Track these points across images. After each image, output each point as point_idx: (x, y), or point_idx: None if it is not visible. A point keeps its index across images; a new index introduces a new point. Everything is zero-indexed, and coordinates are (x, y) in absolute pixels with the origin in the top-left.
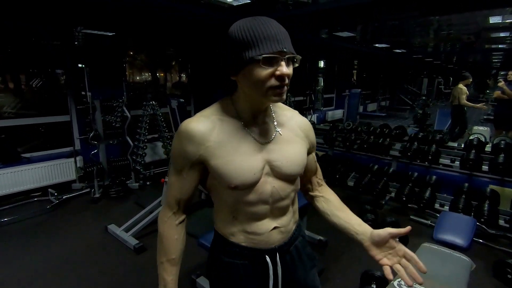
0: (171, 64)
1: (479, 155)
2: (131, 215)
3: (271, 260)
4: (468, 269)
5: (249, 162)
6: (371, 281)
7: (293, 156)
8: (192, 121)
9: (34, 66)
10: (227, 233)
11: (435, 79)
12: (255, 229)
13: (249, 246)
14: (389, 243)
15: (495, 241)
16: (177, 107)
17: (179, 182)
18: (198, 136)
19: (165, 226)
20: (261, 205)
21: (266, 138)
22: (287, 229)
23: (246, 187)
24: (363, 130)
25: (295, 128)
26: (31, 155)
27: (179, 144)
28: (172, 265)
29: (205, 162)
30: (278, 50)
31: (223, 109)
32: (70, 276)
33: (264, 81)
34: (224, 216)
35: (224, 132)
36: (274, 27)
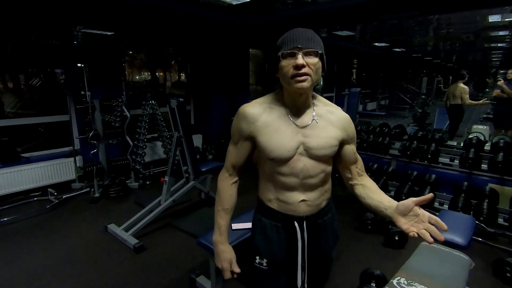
0: (171, 64)
1: (479, 154)
2: (130, 215)
3: (299, 226)
4: (467, 267)
5: (286, 141)
6: (370, 280)
7: (324, 141)
8: (248, 105)
9: (33, 66)
10: (265, 199)
11: (435, 78)
12: (286, 199)
13: (281, 211)
14: (413, 211)
15: (494, 240)
16: (176, 106)
17: (235, 151)
18: (250, 117)
19: (223, 184)
20: (292, 178)
21: (304, 123)
22: (314, 203)
23: (281, 160)
24: (363, 129)
25: (333, 120)
26: (31, 155)
27: (236, 122)
28: (226, 213)
29: (254, 137)
30: (293, 47)
31: (273, 99)
32: (70, 276)
33: (286, 71)
34: (264, 184)
35: (271, 116)
36: (299, 32)
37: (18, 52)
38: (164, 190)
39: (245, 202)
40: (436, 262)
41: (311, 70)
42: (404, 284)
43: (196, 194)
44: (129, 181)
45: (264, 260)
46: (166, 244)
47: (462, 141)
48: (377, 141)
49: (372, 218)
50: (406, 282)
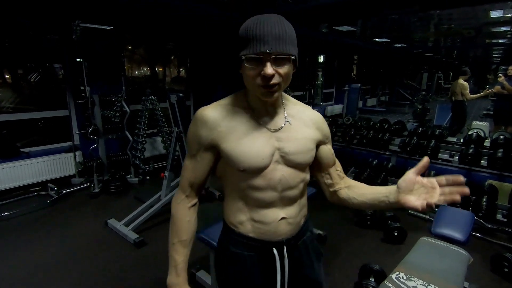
0: (170, 59)
1: (478, 150)
2: (130, 210)
3: (278, 254)
4: (465, 263)
5: (258, 147)
6: (369, 274)
7: (301, 144)
8: (207, 108)
9: (32, 61)
10: (235, 222)
11: (435, 74)
12: (262, 218)
13: (256, 237)
14: (419, 183)
15: (492, 235)
16: (176, 102)
17: (193, 165)
18: (211, 121)
19: (178, 209)
20: (269, 192)
21: (276, 126)
22: (295, 221)
23: (254, 171)
24: (363, 125)
25: (306, 120)
26: (30, 150)
27: (194, 129)
28: (183, 246)
29: (217, 146)
30: (261, 51)
31: (237, 100)
32: (71, 270)
33: (253, 79)
34: (233, 203)
35: (236, 119)
36: (268, 27)
37: (16, 47)
38: (164, 185)
39: None
40: (435, 257)
41: (281, 79)
42: (403, 279)
43: None
44: (129, 176)
45: None
46: (166, 239)
47: (462, 137)
48: (377, 137)
49: (371, 214)
50: (405, 277)
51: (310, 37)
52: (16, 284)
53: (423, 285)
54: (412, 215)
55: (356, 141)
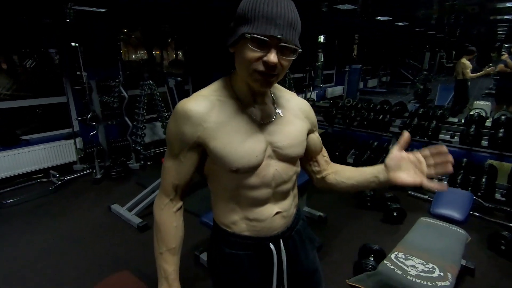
0: (167, 42)
1: (479, 130)
2: (133, 195)
3: (275, 247)
4: (463, 241)
5: (251, 144)
6: (369, 254)
7: (293, 137)
8: (189, 100)
9: (26, 46)
10: (228, 223)
11: (437, 53)
12: (257, 216)
13: (251, 235)
14: (405, 158)
15: (490, 214)
16: (174, 86)
17: (176, 166)
18: (195, 117)
19: (163, 214)
20: (263, 189)
21: (267, 119)
22: (289, 214)
23: (248, 170)
24: (363, 107)
25: (295, 109)
26: (30, 137)
27: (175, 126)
28: (173, 254)
29: (204, 145)
30: (270, 35)
31: (222, 89)
32: (75, 255)
33: (250, 62)
34: (224, 204)
35: (224, 112)
36: (280, 8)
37: (10, 32)
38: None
39: None
40: (434, 236)
41: (281, 69)
42: (402, 258)
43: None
44: (130, 162)
45: None
46: None
47: (463, 117)
48: (378, 119)
49: (371, 195)
50: (404, 256)
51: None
52: (22, 269)
53: (422, 264)
54: (412, 195)
55: (357, 123)
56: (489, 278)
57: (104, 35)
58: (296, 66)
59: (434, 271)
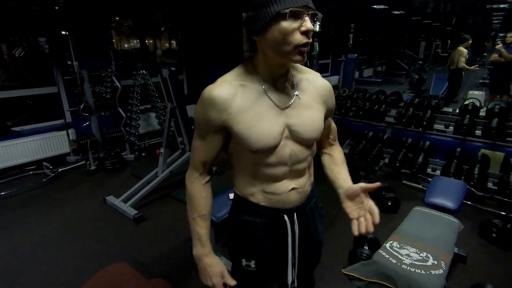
0: (160, 30)
1: (473, 120)
2: (128, 187)
3: (289, 219)
4: (456, 230)
5: (270, 126)
6: (363, 243)
7: (310, 122)
8: (214, 87)
9: (14, 35)
10: (247, 194)
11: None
12: (274, 190)
13: (268, 206)
14: (360, 197)
15: (482, 203)
16: (168, 76)
17: (204, 146)
18: (220, 103)
19: (194, 186)
20: (280, 167)
21: (286, 103)
22: (304, 190)
23: (266, 150)
24: (359, 97)
25: (314, 92)
26: (22, 129)
27: (202, 111)
28: (204, 220)
29: (228, 128)
30: (304, 5)
31: (244, 74)
32: (71, 247)
33: (290, 36)
34: (244, 178)
35: (246, 97)
36: None
37: None
38: (160, 162)
39: None
40: (427, 226)
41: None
42: (396, 247)
43: None
44: (124, 153)
45: (252, 262)
46: (165, 214)
47: (458, 107)
48: (373, 109)
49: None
50: (399, 245)
51: None
52: (16, 261)
53: (416, 252)
54: (406, 185)
55: (352, 113)
56: (481, 265)
57: (95, 24)
58: None
59: (428, 260)
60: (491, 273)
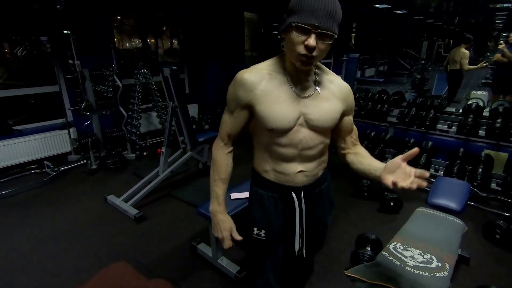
0: (162, 30)
1: (477, 120)
2: (129, 186)
3: (296, 197)
4: (460, 231)
5: (286, 111)
6: (366, 244)
7: (325, 112)
8: (246, 71)
9: (17, 33)
10: (261, 170)
11: (435, 42)
12: (283, 170)
13: (278, 182)
14: (402, 168)
15: (486, 204)
16: (170, 75)
17: (231, 120)
18: (249, 84)
19: (219, 153)
20: (290, 149)
21: (305, 93)
22: (311, 174)
23: (280, 131)
24: (361, 97)
25: (335, 90)
26: (23, 128)
27: (233, 89)
28: (223, 183)
29: (252, 107)
30: (310, 23)
31: (274, 65)
32: (71, 246)
33: (295, 46)
34: (260, 155)
35: (271, 83)
36: (323, 2)
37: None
38: (161, 161)
39: (244, 171)
40: (431, 227)
41: (319, 52)
42: (400, 249)
43: (194, 164)
44: (125, 152)
45: (262, 231)
46: (166, 214)
47: (461, 107)
48: (376, 109)
49: (368, 185)
50: (402, 247)
51: None
52: (17, 260)
53: (419, 254)
54: None
55: (354, 112)
56: (484, 266)
57: (96, 23)
58: None
59: (432, 262)
60: (495, 275)
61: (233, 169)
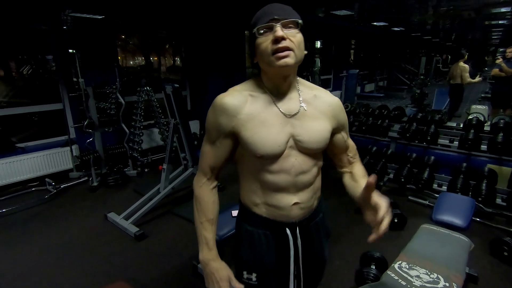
0: (165, 48)
1: (478, 135)
2: (130, 203)
3: (291, 233)
4: (467, 249)
5: (275, 134)
6: (370, 262)
7: (315, 132)
8: (226, 95)
9: (23, 53)
10: (250, 204)
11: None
12: (276, 202)
13: (270, 218)
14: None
15: (491, 220)
16: (172, 92)
17: (213, 151)
18: (231, 109)
19: (202, 191)
20: (283, 175)
21: (291, 112)
22: (307, 205)
23: (271, 157)
24: (362, 112)
25: (322, 107)
26: (26, 145)
27: (213, 116)
28: (211, 224)
29: (237, 133)
30: (270, 19)
31: (254, 86)
32: (70, 265)
33: (265, 48)
34: (249, 186)
35: (254, 106)
36: (274, 6)
37: (7, 38)
38: (163, 178)
39: None
40: (437, 244)
41: (293, 44)
42: (405, 268)
43: None
44: (127, 169)
45: (253, 275)
46: (167, 232)
47: (461, 121)
48: (376, 124)
49: None
50: (408, 266)
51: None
52: (17, 279)
53: (426, 274)
54: (412, 201)
55: (355, 128)
56: (493, 285)
57: (101, 42)
58: None
59: (439, 282)
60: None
61: (234, 184)
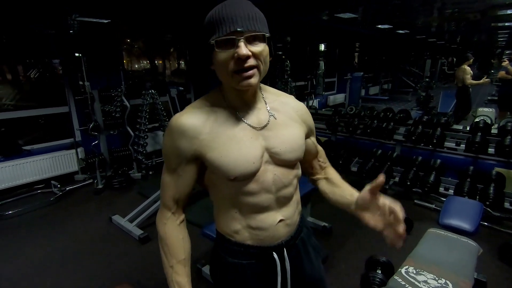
0: (170, 51)
1: (485, 138)
2: (134, 206)
3: (278, 257)
4: (475, 254)
5: (247, 150)
6: (376, 266)
7: (290, 141)
8: (183, 114)
9: (30, 56)
10: (230, 232)
11: (438, 60)
12: (260, 224)
13: (254, 245)
14: (373, 202)
15: (500, 224)
16: (176, 95)
17: (175, 181)
18: (190, 130)
19: (167, 228)
20: (264, 195)
21: (261, 123)
22: (292, 221)
23: (246, 177)
24: (366, 115)
25: (291, 112)
26: (32, 148)
27: (171, 141)
28: (183, 266)
29: (201, 157)
30: (231, 31)
31: (214, 99)
32: (76, 267)
33: (224, 66)
34: (226, 212)
35: (218, 122)
36: (235, 8)
37: (14, 42)
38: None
39: None
40: (444, 249)
41: (258, 61)
42: (412, 273)
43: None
44: (131, 171)
45: None
46: None
47: (467, 124)
48: (381, 127)
49: None
50: (415, 271)
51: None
52: (22, 281)
53: (434, 279)
54: (418, 205)
55: (360, 131)
56: None
57: (107, 46)
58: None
59: (448, 287)
60: None
61: None
